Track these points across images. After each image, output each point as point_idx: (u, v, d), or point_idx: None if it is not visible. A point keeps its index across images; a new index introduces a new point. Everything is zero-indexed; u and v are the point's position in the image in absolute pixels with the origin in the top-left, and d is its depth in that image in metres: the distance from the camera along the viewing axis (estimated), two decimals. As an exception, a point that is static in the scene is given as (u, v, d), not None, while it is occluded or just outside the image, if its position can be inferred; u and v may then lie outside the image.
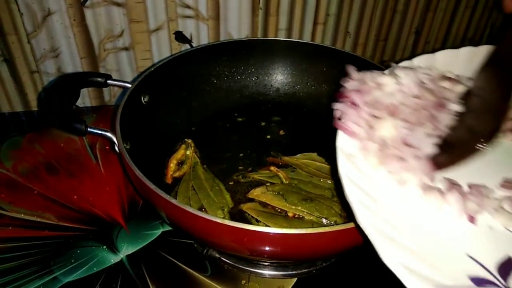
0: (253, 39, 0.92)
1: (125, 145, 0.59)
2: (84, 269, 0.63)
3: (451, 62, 0.57)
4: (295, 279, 0.64)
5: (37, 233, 0.67)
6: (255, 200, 0.68)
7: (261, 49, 0.87)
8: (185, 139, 0.77)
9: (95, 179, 0.77)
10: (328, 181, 0.71)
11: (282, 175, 0.71)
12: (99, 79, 0.69)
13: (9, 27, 0.82)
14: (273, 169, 0.73)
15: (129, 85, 0.69)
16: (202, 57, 0.82)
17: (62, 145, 0.84)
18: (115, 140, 0.60)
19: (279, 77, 0.90)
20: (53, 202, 0.72)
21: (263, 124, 0.86)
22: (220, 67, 0.86)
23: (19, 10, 0.81)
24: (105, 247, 0.66)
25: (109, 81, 0.69)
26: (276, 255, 0.56)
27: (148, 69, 0.73)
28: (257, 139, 0.82)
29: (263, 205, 0.67)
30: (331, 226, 0.48)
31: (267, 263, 0.64)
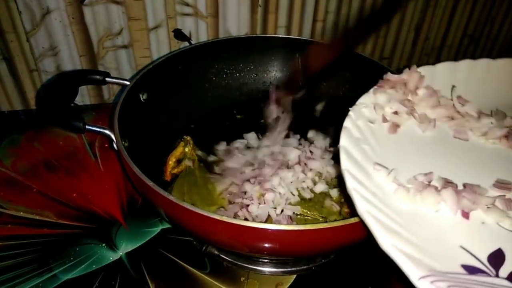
0: (252, 36, 0.92)
1: (124, 142, 0.59)
2: (83, 266, 0.63)
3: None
4: (295, 276, 0.64)
5: (36, 231, 0.67)
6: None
7: (260, 46, 0.87)
8: (184, 137, 0.77)
9: (94, 176, 0.77)
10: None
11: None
12: (97, 77, 0.69)
13: (8, 26, 0.82)
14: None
15: (128, 83, 0.69)
16: (200, 55, 0.82)
17: (61, 143, 0.84)
18: (113, 137, 0.59)
19: (278, 74, 0.90)
20: (52, 200, 0.72)
21: (262, 121, 0.86)
22: (219, 64, 0.86)
23: (17, 8, 0.80)
24: (104, 244, 0.66)
25: (107, 79, 0.69)
26: (275, 252, 0.55)
27: (146, 67, 0.72)
28: (256, 136, 0.82)
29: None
30: (330, 222, 0.48)
31: (266, 260, 0.64)
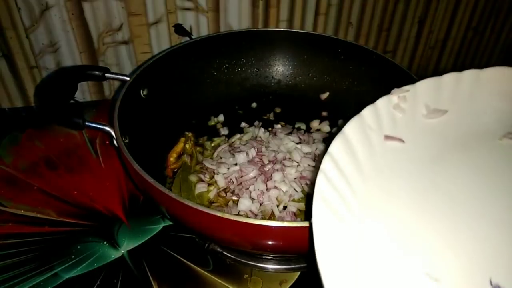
0: (254, 30, 0.90)
1: (124, 139, 0.59)
2: (84, 265, 0.62)
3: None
4: (299, 273, 0.63)
5: (37, 229, 0.67)
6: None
7: (261, 40, 0.86)
8: (186, 133, 0.77)
9: (95, 174, 0.77)
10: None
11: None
12: (97, 73, 0.68)
13: (7, 22, 0.81)
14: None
15: (128, 79, 0.68)
16: (201, 49, 0.81)
17: (61, 140, 0.83)
18: (113, 134, 0.59)
19: (280, 69, 0.89)
20: (53, 197, 0.72)
21: (265, 116, 0.85)
22: (220, 59, 0.85)
23: (16, 4, 0.80)
24: (105, 242, 0.66)
25: (107, 75, 0.68)
26: (278, 249, 0.55)
27: (146, 62, 0.72)
28: (258, 131, 0.81)
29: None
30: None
31: (269, 257, 0.64)
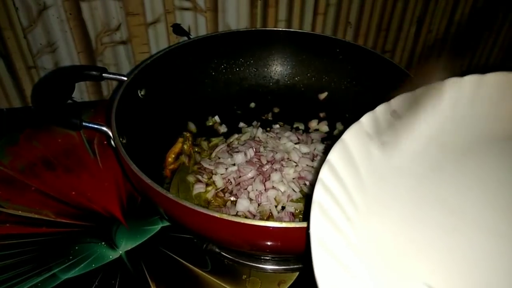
0: (252, 30, 0.90)
1: (121, 139, 0.58)
2: (82, 265, 0.62)
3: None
4: (297, 273, 0.63)
5: (35, 229, 0.66)
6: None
7: (260, 40, 0.85)
8: (184, 133, 0.76)
9: (93, 174, 0.76)
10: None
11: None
12: (94, 73, 0.68)
13: (5, 22, 0.81)
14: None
15: (125, 78, 0.68)
16: (199, 49, 0.80)
17: (59, 140, 0.83)
18: (110, 134, 0.58)
19: (278, 69, 0.88)
20: (51, 198, 0.71)
21: (263, 116, 0.85)
22: (218, 59, 0.85)
23: (14, 4, 0.79)
24: (103, 243, 0.65)
25: (104, 75, 0.68)
26: (276, 249, 0.54)
27: (144, 62, 0.71)
28: (257, 131, 0.81)
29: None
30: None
31: (268, 258, 0.63)
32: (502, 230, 0.41)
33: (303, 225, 0.46)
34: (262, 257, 0.63)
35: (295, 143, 0.75)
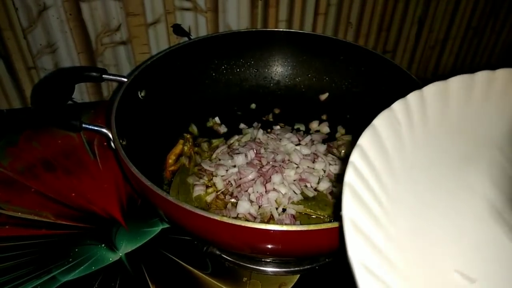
0: (252, 30, 0.90)
1: (121, 141, 0.58)
2: (82, 268, 0.62)
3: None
4: (298, 276, 0.63)
5: (34, 231, 0.66)
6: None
7: (260, 41, 0.85)
8: (184, 134, 0.76)
9: (93, 176, 0.76)
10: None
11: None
12: (94, 74, 0.67)
13: (4, 23, 0.81)
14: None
15: (125, 80, 0.67)
16: (199, 50, 0.80)
17: (59, 141, 0.83)
18: (110, 136, 0.58)
19: (279, 69, 0.88)
20: (51, 200, 0.71)
21: (264, 117, 0.85)
22: (218, 60, 0.84)
23: (14, 5, 0.79)
24: (103, 245, 0.65)
25: (104, 76, 0.68)
26: (277, 252, 0.54)
27: (144, 63, 0.71)
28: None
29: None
30: (334, 222, 0.47)
31: (269, 260, 0.63)
32: None
33: (303, 228, 0.46)
34: (262, 260, 0.63)
35: (296, 144, 0.75)
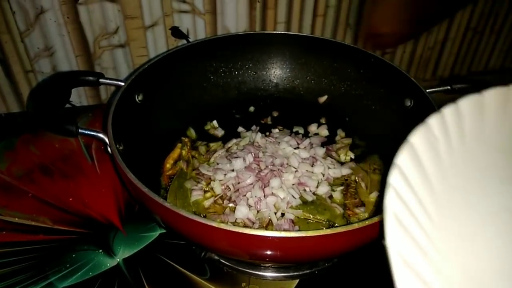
0: (250, 32, 0.89)
1: (118, 146, 0.58)
2: (79, 273, 0.61)
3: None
4: (297, 281, 0.62)
5: (32, 237, 0.66)
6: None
7: (258, 43, 0.85)
8: (182, 138, 0.76)
9: (91, 180, 0.76)
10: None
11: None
12: (91, 78, 0.67)
13: (2, 26, 0.81)
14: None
15: (122, 84, 0.67)
16: (197, 53, 0.80)
17: (57, 146, 0.82)
18: (107, 141, 0.58)
19: (277, 72, 0.88)
20: (48, 205, 0.71)
21: (262, 120, 0.84)
22: (217, 62, 0.84)
23: (11, 8, 0.79)
24: (101, 250, 0.65)
25: (101, 80, 0.68)
26: (275, 258, 0.54)
27: (141, 66, 0.71)
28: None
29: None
30: (332, 228, 0.46)
31: (268, 265, 0.63)
32: None
33: (301, 234, 0.45)
34: (261, 265, 0.63)
35: (295, 148, 0.74)
